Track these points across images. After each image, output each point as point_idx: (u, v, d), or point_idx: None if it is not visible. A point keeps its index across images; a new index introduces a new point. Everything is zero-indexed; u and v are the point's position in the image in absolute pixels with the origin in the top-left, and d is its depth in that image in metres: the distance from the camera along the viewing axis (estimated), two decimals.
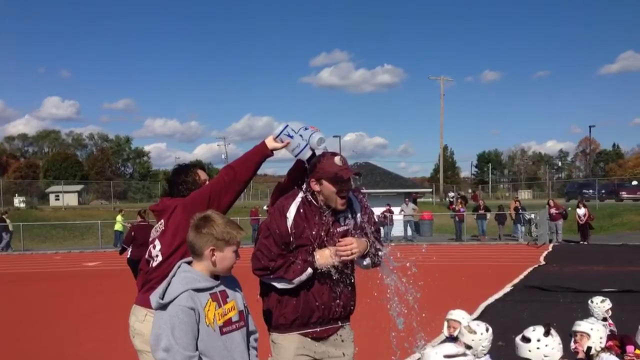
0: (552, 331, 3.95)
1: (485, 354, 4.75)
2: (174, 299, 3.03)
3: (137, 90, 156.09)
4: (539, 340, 3.90)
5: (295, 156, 3.93)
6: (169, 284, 3.10)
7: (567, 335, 4.85)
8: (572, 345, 4.85)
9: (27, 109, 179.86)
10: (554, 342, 3.92)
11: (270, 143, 3.97)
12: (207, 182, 4.46)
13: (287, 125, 3.92)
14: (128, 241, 13.26)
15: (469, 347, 4.60)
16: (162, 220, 4.37)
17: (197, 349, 3.03)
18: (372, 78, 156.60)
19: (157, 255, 4.26)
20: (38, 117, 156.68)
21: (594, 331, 4.75)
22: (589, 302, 6.40)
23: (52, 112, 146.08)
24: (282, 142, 3.92)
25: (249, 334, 3.33)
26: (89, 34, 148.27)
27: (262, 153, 4.01)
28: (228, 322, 3.15)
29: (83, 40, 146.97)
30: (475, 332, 4.70)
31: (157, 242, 4.31)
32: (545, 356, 3.87)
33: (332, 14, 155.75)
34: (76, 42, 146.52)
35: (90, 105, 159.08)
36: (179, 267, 3.19)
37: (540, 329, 3.96)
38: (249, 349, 3.30)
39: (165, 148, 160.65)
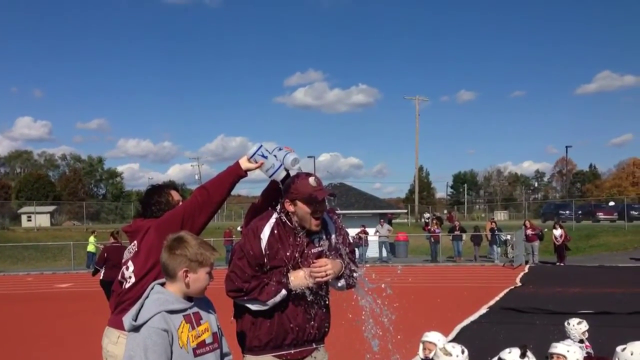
0: (529, 353, 3.95)
1: None
2: (147, 320, 2.99)
3: (110, 111, 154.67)
4: None
5: (270, 177, 3.91)
6: (142, 306, 3.07)
7: (544, 357, 4.86)
8: None
9: None
10: None
11: (244, 164, 3.94)
12: (181, 203, 4.42)
13: (261, 146, 3.90)
14: (101, 262, 13.16)
15: None
16: (135, 242, 4.32)
17: None
18: (346, 98, 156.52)
19: (130, 277, 4.21)
20: (10, 138, 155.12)
21: (571, 353, 4.76)
22: (566, 323, 6.42)
23: (24, 133, 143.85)
24: (256, 162, 3.89)
25: (222, 355, 3.30)
26: (62, 53, 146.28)
27: (235, 174, 3.98)
28: (202, 344, 3.12)
29: (56, 60, 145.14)
30: (450, 354, 4.68)
31: (130, 264, 4.26)
32: None
33: (306, 34, 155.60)
34: (49, 62, 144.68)
35: (63, 125, 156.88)
36: (152, 288, 3.16)
37: (516, 351, 3.96)
38: None
39: (138, 169, 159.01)
